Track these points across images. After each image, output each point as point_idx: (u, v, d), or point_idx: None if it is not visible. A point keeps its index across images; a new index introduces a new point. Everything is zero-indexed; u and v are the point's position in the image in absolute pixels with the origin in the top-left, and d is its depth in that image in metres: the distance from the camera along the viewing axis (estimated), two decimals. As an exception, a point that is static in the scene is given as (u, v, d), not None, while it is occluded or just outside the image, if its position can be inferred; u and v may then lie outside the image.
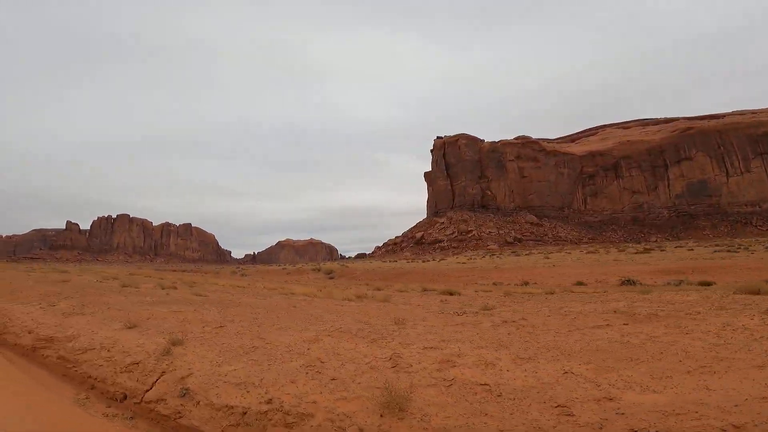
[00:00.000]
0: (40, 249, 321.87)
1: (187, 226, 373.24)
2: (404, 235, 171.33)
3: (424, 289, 18.83)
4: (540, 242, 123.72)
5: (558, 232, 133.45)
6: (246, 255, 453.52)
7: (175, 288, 16.93)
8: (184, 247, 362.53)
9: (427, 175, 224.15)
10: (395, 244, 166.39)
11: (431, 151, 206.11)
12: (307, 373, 5.43)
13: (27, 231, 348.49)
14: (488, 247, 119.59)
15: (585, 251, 72.56)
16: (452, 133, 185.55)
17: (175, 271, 66.36)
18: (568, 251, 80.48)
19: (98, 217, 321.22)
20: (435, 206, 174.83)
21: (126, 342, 7.53)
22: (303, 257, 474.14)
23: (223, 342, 7.17)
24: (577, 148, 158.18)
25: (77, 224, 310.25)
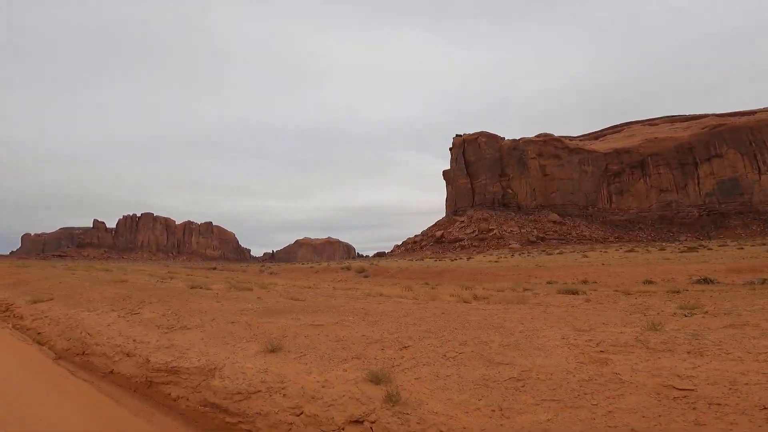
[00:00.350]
0: (68, 247, 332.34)
1: (208, 225, 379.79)
2: (423, 233, 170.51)
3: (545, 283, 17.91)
4: (564, 241, 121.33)
5: (582, 231, 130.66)
6: (265, 253, 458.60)
7: (251, 290, 14.91)
8: (205, 246, 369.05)
9: (446, 173, 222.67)
10: (414, 242, 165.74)
11: (450, 149, 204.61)
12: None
13: (55, 229, 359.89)
14: (510, 246, 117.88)
15: (623, 250, 70.53)
16: (471, 132, 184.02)
17: (211, 269, 67.08)
18: (602, 250, 78.40)
19: (123, 216, 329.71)
20: (455, 205, 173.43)
21: (298, 378, 5.21)
22: (321, 255, 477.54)
23: (447, 374, 4.91)
24: (601, 146, 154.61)
25: (103, 222, 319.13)
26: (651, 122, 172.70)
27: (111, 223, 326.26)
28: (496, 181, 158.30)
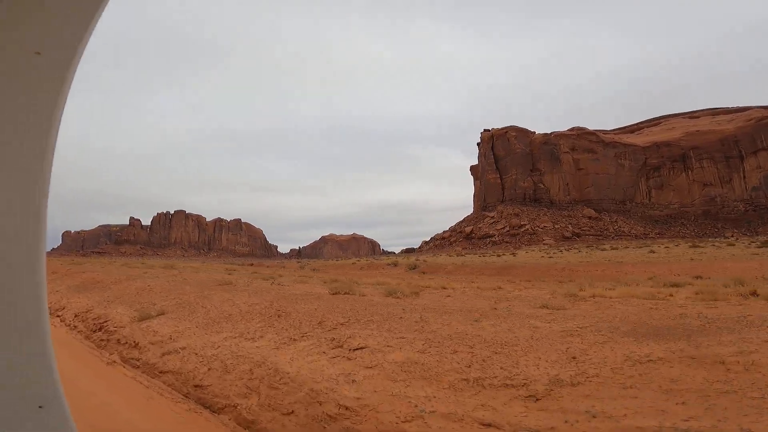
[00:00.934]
0: (106, 243, 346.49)
1: (238, 222, 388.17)
2: (452, 229, 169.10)
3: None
4: (601, 237, 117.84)
5: (620, 227, 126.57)
6: (291, 249, 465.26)
7: (415, 294, 12.28)
8: (234, 242, 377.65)
9: (473, 168, 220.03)
10: (443, 238, 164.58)
11: (478, 144, 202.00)
12: None
13: (94, 227, 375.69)
14: (544, 242, 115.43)
15: (683, 245, 67.69)
16: (500, 126, 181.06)
17: (252, 265, 67.74)
18: (665, 245, 75.09)
19: (158, 213, 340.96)
20: (484, 200, 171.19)
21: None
22: (346, 252, 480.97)
23: None
24: (639, 139, 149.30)
25: (139, 220, 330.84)
26: (691, 115, 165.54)
27: (146, 221, 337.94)
28: (527, 176, 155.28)
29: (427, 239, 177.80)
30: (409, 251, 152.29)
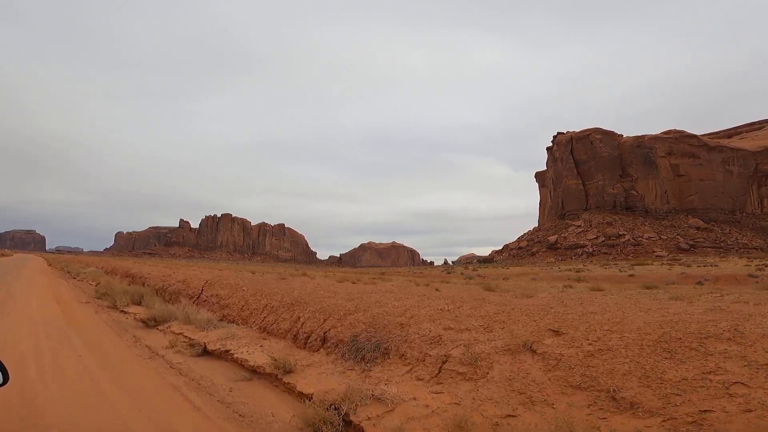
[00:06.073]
0: (155, 245, 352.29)
1: (281, 227, 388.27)
2: (528, 239, 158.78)
3: None
4: (721, 249, 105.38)
5: (737, 238, 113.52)
6: (331, 256, 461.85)
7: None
8: (278, 247, 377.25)
9: (539, 175, 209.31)
10: (519, 248, 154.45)
11: (548, 149, 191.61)
12: None
13: (144, 228, 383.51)
14: (656, 254, 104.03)
15: None
16: (578, 129, 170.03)
17: (298, 270, 60.37)
18: None
19: (206, 216, 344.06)
20: (561, 207, 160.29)
21: None
22: (385, 260, 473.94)
23: None
24: (749, 143, 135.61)
25: (188, 222, 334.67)
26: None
27: (194, 224, 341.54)
28: (617, 182, 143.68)
29: (499, 248, 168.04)
30: (487, 261, 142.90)
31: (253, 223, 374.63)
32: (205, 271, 19.35)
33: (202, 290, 13.85)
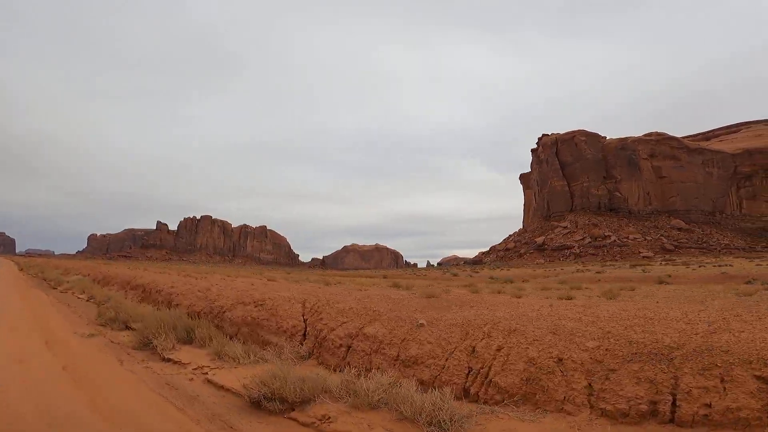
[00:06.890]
0: (131, 247, 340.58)
1: (263, 229, 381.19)
2: (515, 240, 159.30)
3: None
4: (704, 250, 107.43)
5: (718, 239, 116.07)
6: (313, 258, 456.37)
7: None
8: (259, 250, 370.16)
9: (524, 177, 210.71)
10: (507, 249, 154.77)
11: (532, 151, 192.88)
12: None
13: (119, 231, 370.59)
14: (643, 255, 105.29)
15: None
16: (562, 131, 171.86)
17: (290, 273, 58.81)
18: None
19: (185, 218, 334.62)
20: (547, 209, 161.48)
21: None
22: (368, 262, 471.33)
23: None
24: (727, 146, 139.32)
25: (166, 224, 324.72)
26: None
27: (173, 226, 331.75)
28: (601, 184, 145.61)
29: (486, 250, 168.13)
30: (476, 262, 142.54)
31: (235, 225, 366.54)
32: (267, 287, 12.08)
33: (317, 327, 7.48)
